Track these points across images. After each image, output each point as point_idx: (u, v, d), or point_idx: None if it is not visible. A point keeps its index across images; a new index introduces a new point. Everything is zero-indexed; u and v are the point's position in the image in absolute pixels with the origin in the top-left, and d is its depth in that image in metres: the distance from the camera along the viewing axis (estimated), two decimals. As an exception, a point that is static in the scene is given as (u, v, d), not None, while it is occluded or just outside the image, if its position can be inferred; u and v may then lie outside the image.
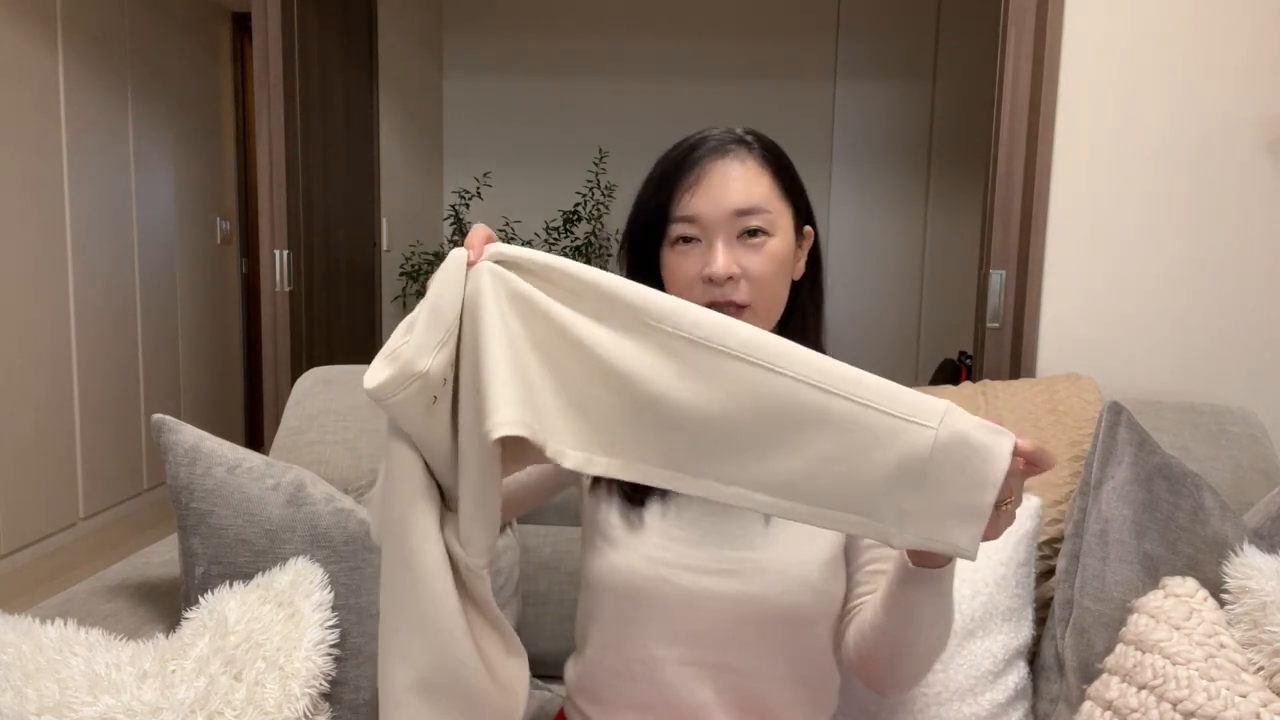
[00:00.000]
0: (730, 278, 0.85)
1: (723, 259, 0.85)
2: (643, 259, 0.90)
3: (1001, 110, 1.70)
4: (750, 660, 0.88)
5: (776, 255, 0.87)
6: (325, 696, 1.05)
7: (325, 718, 1.03)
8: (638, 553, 0.88)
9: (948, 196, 4.13)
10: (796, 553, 0.87)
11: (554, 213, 4.04)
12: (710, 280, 0.85)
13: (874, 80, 4.13)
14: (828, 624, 0.91)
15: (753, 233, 0.86)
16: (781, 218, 0.88)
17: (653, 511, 0.91)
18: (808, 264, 0.95)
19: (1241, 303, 1.64)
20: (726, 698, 0.88)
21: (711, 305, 0.85)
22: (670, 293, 0.83)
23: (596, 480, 0.92)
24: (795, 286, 0.94)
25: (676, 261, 0.88)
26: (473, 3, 4.23)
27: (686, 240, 0.87)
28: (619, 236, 0.97)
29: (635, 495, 0.91)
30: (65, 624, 1.00)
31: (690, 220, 0.86)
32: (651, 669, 0.88)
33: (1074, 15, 1.62)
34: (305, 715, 0.99)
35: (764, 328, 0.84)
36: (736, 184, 0.86)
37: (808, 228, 0.94)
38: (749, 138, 0.90)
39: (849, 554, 0.93)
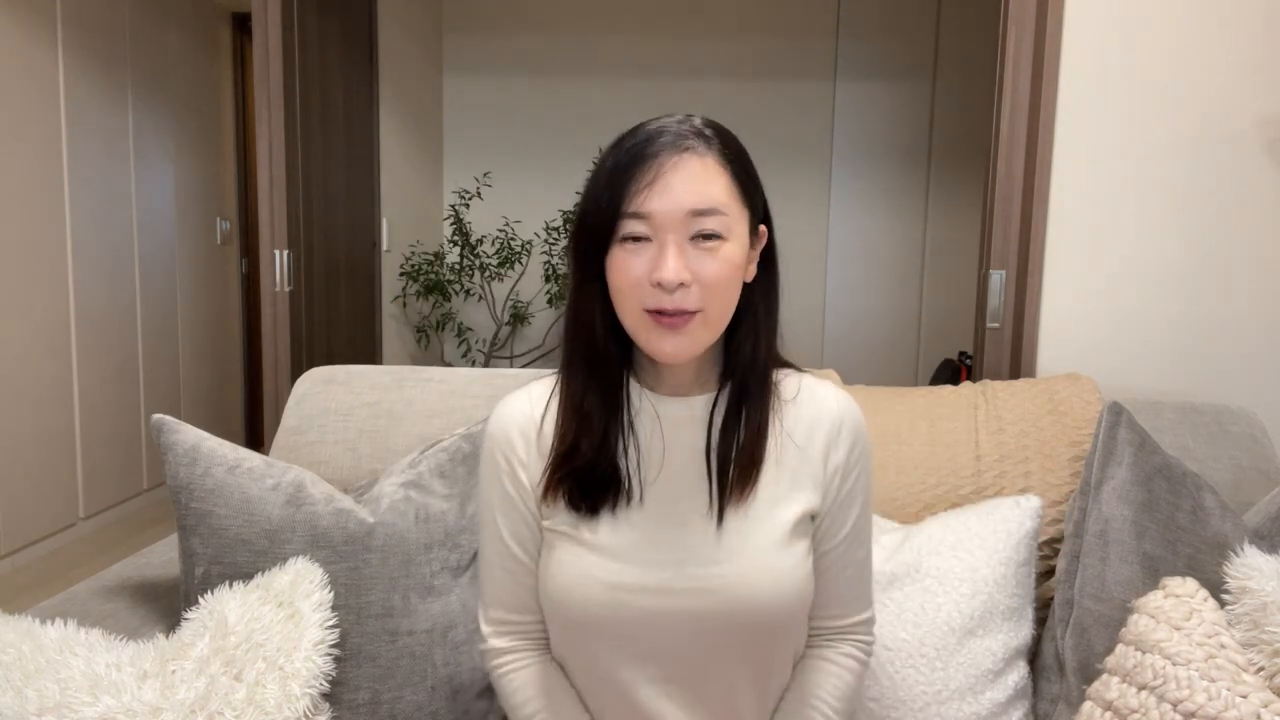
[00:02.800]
0: (681, 284, 0.81)
1: (673, 265, 0.80)
2: (591, 255, 0.85)
3: (1001, 110, 1.70)
4: (719, 670, 0.87)
5: (730, 260, 0.83)
6: (325, 697, 1.05)
7: (325, 718, 1.04)
8: (594, 578, 0.86)
9: (948, 196, 4.13)
10: (762, 563, 0.86)
11: (554, 213, 4.04)
12: (659, 285, 0.80)
13: (874, 80, 4.13)
14: (801, 623, 0.92)
15: (707, 236, 0.81)
16: (738, 222, 0.84)
17: (604, 526, 0.88)
18: (761, 265, 0.90)
19: (1242, 303, 1.64)
20: (699, 709, 0.88)
21: (659, 312, 0.81)
22: (616, 293, 0.84)
23: (547, 492, 0.89)
24: (747, 288, 0.89)
25: (625, 260, 0.82)
26: (473, 3, 4.23)
27: (637, 239, 0.82)
28: None
29: (585, 504, 0.88)
30: (65, 624, 1.00)
31: (642, 218, 0.81)
32: (621, 690, 0.88)
33: (1074, 15, 1.62)
34: (305, 715, 0.99)
35: (714, 332, 0.86)
36: (693, 183, 0.81)
37: (762, 227, 0.90)
38: (708, 131, 0.84)
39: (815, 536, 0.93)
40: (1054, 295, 1.69)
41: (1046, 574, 1.29)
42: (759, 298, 0.90)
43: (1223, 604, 1.02)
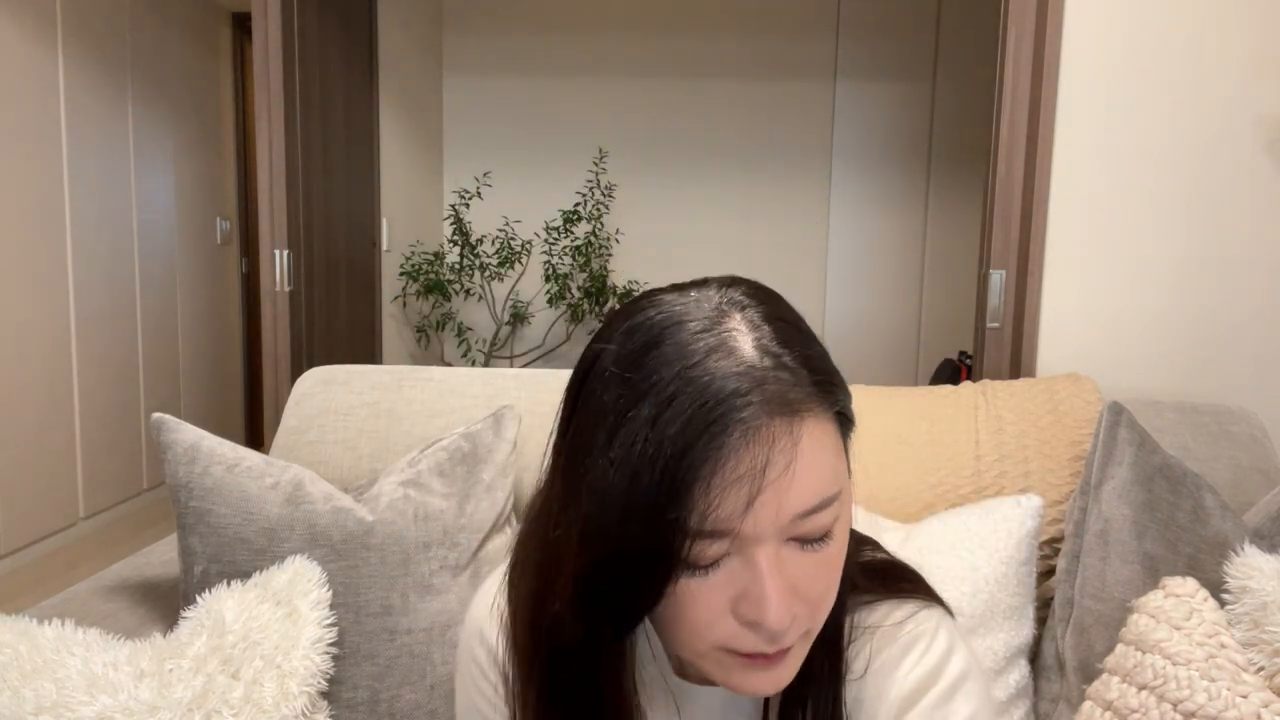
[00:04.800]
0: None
1: (779, 604, 0.50)
2: (620, 600, 0.51)
3: (1001, 110, 1.70)
4: None
5: (842, 545, 0.54)
6: (323, 695, 1.05)
7: (323, 716, 1.03)
8: None
9: (948, 196, 4.13)
10: None
11: (554, 213, 4.04)
12: (757, 626, 0.51)
13: (874, 80, 4.12)
14: None
15: (816, 540, 0.52)
16: (847, 477, 0.55)
17: None
18: None
19: (1242, 302, 1.64)
20: None
21: (752, 657, 0.52)
22: (673, 623, 0.53)
23: None
24: None
25: (694, 592, 0.51)
26: (473, 3, 4.23)
27: (709, 566, 0.51)
28: (618, 236, 0.66)
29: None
30: (62, 624, 1.00)
31: (722, 536, 0.50)
32: None
33: (1074, 15, 1.62)
34: (303, 714, 0.99)
35: (811, 642, 0.56)
36: (803, 476, 0.50)
37: None
38: (779, 348, 0.51)
39: None
40: (1054, 295, 1.68)
41: (1047, 574, 1.29)
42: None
43: (1223, 604, 1.02)
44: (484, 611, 0.67)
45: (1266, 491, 1.26)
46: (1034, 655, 1.23)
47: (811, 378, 0.51)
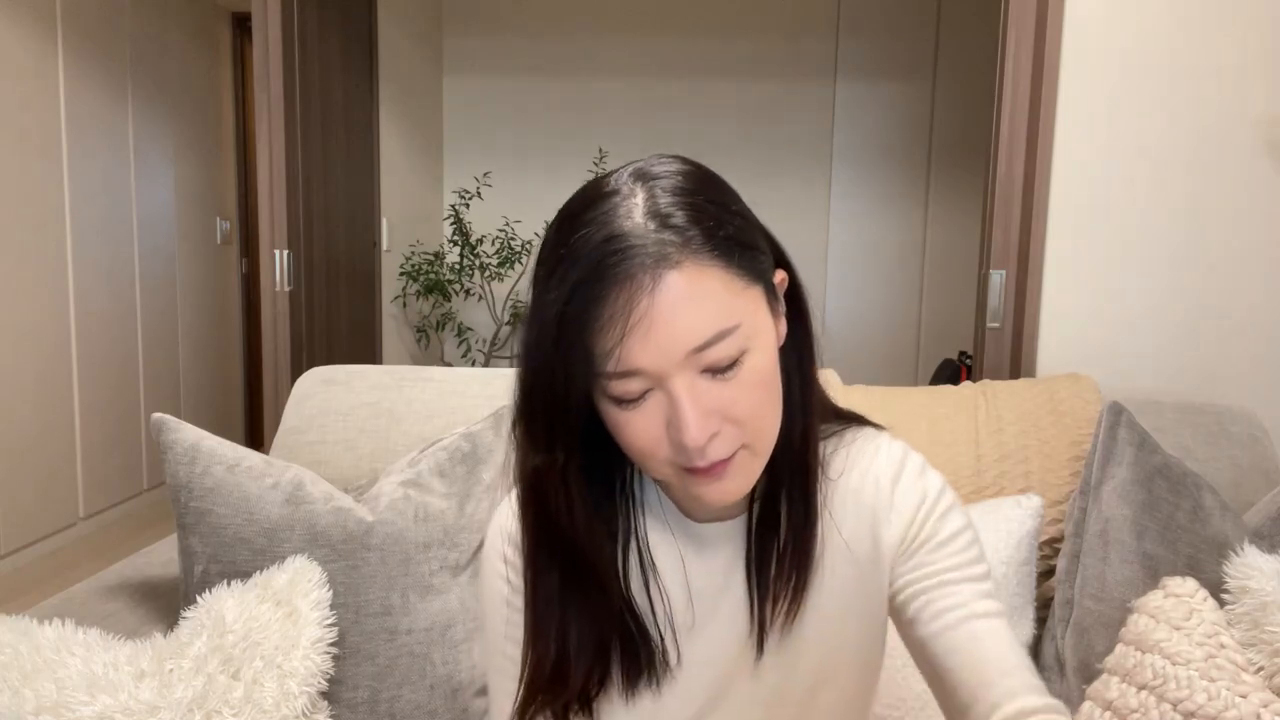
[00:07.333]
0: (711, 435, 0.61)
1: (695, 422, 0.59)
2: (558, 425, 0.63)
3: (1001, 110, 1.70)
4: None
5: (760, 371, 0.62)
6: (324, 695, 1.05)
7: (323, 716, 1.03)
8: None
9: (948, 196, 4.13)
10: (799, 713, 0.75)
11: (554, 212, 4.04)
12: (679, 444, 0.61)
13: (874, 80, 4.12)
14: None
15: (724, 368, 0.61)
16: (754, 315, 0.62)
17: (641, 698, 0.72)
18: (789, 314, 0.70)
19: (1242, 303, 1.64)
20: None
21: (691, 471, 0.62)
22: (625, 448, 0.64)
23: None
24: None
25: (627, 420, 0.62)
26: (473, 3, 4.23)
27: (632, 400, 0.61)
28: None
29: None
30: (63, 624, 1.00)
31: (631, 375, 0.60)
32: None
33: (1074, 15, 1.62)
34: (303, 714, 0.99)
35: (764, 457, 0.66)
36: (684, 315, 0.58)
37: (780, 274, 0.68)
38: (676, 212, 0.60)
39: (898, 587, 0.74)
40: (1054, 295, 1.68)
41: (1047, 574, 1.29)
42: (791, 361, 0.69)
43: (1223, 604, 1.02)
44: (501, 513, 0.76)
45: (1266, 491, 1.26)
46: (1034, 655, 1.23)
47: (700, 231, 0.59)
